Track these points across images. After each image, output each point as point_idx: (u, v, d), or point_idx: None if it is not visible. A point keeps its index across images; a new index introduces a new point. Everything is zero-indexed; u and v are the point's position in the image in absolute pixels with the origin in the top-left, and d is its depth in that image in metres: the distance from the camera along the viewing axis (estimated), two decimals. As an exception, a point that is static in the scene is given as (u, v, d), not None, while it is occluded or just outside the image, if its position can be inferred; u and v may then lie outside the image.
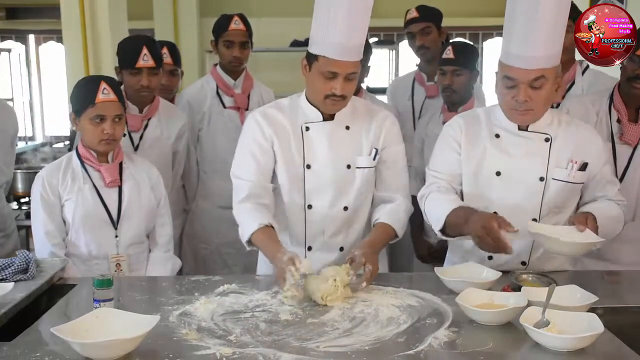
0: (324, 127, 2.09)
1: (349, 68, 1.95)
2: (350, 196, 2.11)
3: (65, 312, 1.79)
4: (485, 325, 1.62)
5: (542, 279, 1.88)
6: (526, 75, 1.90)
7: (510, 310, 1.61)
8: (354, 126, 2.12)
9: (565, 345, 1.47)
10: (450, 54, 2.76)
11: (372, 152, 2.12)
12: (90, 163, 2.25)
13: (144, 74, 2.65)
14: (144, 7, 6.29)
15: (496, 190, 2.05)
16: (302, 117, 2.10)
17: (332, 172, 2.09)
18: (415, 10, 3.19)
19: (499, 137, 2.07)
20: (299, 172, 2.09)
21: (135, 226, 2.29)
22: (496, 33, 7.38)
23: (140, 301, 1.85)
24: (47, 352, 1.47)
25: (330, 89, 1.97)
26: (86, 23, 3.71)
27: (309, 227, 2.12)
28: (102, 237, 2.24)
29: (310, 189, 2.09)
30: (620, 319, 1.73)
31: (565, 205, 2.08)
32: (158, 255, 2.36)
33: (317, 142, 2.09)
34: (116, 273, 2.22)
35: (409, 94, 3.31)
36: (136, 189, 2.30)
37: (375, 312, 1.72)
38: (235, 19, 2.98)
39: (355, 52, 1.96)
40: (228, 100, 3.08)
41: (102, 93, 2.16)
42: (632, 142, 2.37)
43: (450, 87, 2.77)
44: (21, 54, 7.48)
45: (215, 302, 1.79)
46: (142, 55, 2.62)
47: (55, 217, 2.22)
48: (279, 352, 1.47)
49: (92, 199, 2.22)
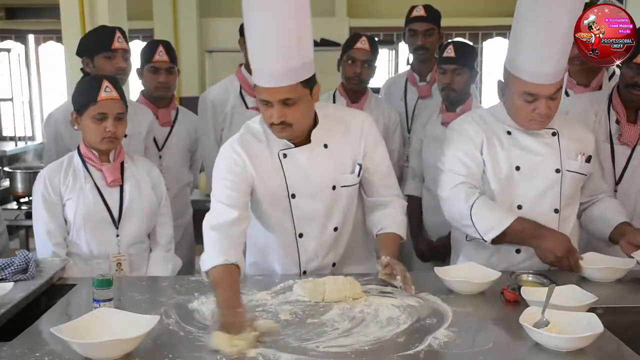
0: (301, 151, 1.97)
1: (279, 94, 1.81)
2: (338, 216, 2.05)
3: (65, 312, 1.79)
4: (485, 326, 1.63)
5: (542, 279, 1.88)
6: (548, 90, 1.95)
7: None
8: (333, 143, 2.00)
9: (565, 345, 1.47)
10: (451, 52, 2.75)
11: (355, 169, 2.04)
12: (91, 162, 2.25)
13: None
14: (143, 7, 6.30)
15: (518, 185, 2.09)
16: (278, 143, 1.97)
17: (318, 198, 2.00)
18: (423, 9, 3.18)
19: (511, 134, 2.11)
20: (284, 202, 2.00)
21: (136, 226, 2.29)
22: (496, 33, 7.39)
23: (140, 301, 1.85)
24: (46, 352, 1.47)
25: (270, 116, 1.86)
26: (86, 23, 3.71)
27: (302, 254, 2.06)
28: (103, 236, 2.23)
29: (299, 217, 2.02)
30: (620, 319, 1.73)
31: (575, 196, 2.16)
32: (159, 254, 2.36)
33: (297, 168, 1.98)
34: (117, 272, 2.22)
35: (401, 94, 3.31)
36: (137, 189, 2.29)
37: (374, 312, 1.72)
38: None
39: (281, 77, 1.80)
40: (251, 100, 3.03)
41: (104, 91, 2.16)
42: (630, 143, 2.38)
43: (450, 86, 2.77)
44: (21, 54, 7.47)
45: (215, 302, 1.78)
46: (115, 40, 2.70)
47: (57, 217, 2.21)
48: (278, 352, 1.47)
49: (94, 199, 2.22)
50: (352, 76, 2.99)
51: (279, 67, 1.80)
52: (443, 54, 2.79)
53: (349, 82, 3.03)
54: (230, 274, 1.80)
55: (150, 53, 3.04)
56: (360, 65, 2.97)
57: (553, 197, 2.09)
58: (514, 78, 1.99)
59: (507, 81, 2.04)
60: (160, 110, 3.10)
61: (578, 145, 2.11)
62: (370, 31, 7.61)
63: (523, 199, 2.09)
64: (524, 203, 2.08)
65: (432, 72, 3.19)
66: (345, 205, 2.06)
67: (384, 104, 3.19)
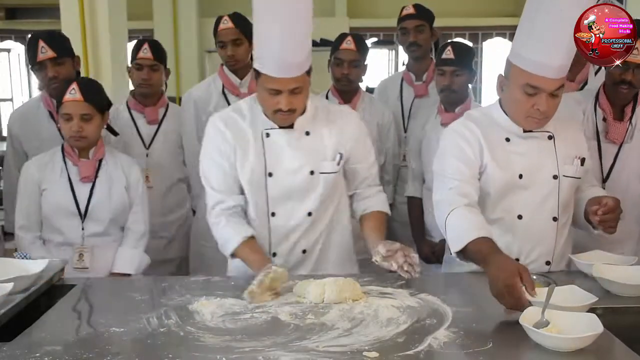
0: (284, 133, 2.05)
1: (290, 84, 1.91)
2: (313, 202, 2.08)
3: (65, 313, 1.78)
4: (484, 326, 1.63)
5: (542, 279, 1.87)
6: (552, 84, 1.91)
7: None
8: (315, 131, 2.07)
9: (565, 345, 1.47)
10: (450, 54, 2.75)
11: (336, 157, 2.08)
12: (70, 158, 2.43)
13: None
14: (143, 8, 6.31)
15: (518, 193, 2.04)
16: (262, 122, 2.06)
17: (294, 180, 2.05)
18: (412, 7, 3.21)
19: (510, 140, 2.05)
20: (260, 180, 2.05)
21: (101, 221, 2.43)
22: (495, 33, 7.40)
23: (140, 301, 1.85)
24: (46, 353, 1.47)
25: (277, 104, 1.94)
26: (85, 23, 3.72)
27: (273, 234, 2.09)
28: (69, 227, 2.41)
29: (273, 196, 2.06)
30: (620, 319, 1.73)
31: (571, 202, 2.12)
32: (126, 250, 2.48)
33: (278, 149, 2.05)
34: (78, 262, 2.37)
35: (397, 94, 3.32)
36: (107, 186, 2.44)
37: (374, 312, 1.71)
38: (224, 19, 2.97)
39: (295, 68, 1.90)
40: (234, 99, 3.02)
41: (69, 93, 2.34)
42: (617, 141, 2.40)
43: (449, 88, 2.76)
44: (20, 54, 7.49)
45: (215, 303, 1.79)
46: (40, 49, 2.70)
47: (32, 204, 2.42)
48: (278, 352, 1.47)
49: (65, 192, 2.40)
50: (340, 77, 2.99)
51: (296, 58, 1.89)
52: (442, 56, 2.79)
53: (338, 83, 3.03)
54: (252, 245, 2.02)
55: (136, 51, 3.08)
56: (347, 66, 2.96)
57: (552, 205, 2.04)
58: (518, 70, 1.94)
59: (509, 74, 1.99)
60: (147, 108, 3.12)
61: (573, 148, 2.08)
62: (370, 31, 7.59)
63: (523, 209, 2.03)
64: (524, 213, 2.03)
65: (428, 71, 3.20)
66: (321, 193, 2.09)
67: (377, 103, 3.19)
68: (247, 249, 2.01)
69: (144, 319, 1.67)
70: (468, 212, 1.94)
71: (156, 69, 3.08)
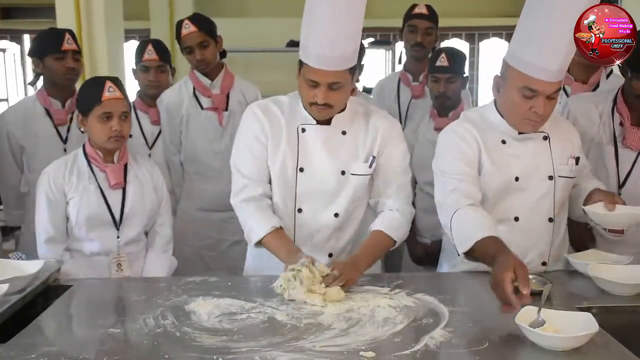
0: (320, 130, 2.05)
1: (330, 77, 1.91)
2: (342, 203, 2.07)
3: (62, 314, 1.79)
4: (481, 325, 1.63)
5: (539, 279, 1.88)
6: (549, 87, 1.90)
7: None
8: (351, 132, 2.07)
9: (561, 344, 1.47)
10: (444, 61, 2.74)
11: (368, 159, 2.07)
12: (96, 163, 2.28)
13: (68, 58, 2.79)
14: (140, 7, 6.28)
15: (514, 195, 2.03)
16: (300, 118, 2.06)
17: (325, 178, 2.05)
18: (425, 7, 3.20)
19: (506, 142, 2.05)
20: (291, 174, 2.05)
21: (136, 227, 2.33)
22: (492, 33, 7.40)
23: (137, 302, 1.85)
24: (42, 354, 1.47)
25: (313, 96, 1.94)
26: (82, 23, 3.70)
27: (297, 231, 2.08)
28: (104, 236, 2.27)
29: (302, 192, 2.05)
30: (615, 319, 1.74)
31: (566, 202, 2.12)
32: (156, 255, 2.39)
33: (312, 145, 2.05)
34: (117, 272, 2.26)
35: (394, 95, 3.31)
36: (139, 191, 2.33)
37: (371, 312, 1.72)
38: (186, 23, 2.92)
39: (337, 62, 1.90)
40: (206, 101, 3.01)
41: (108, 91, 2.21)
42: (634, 147, 2.32)
43: (444, 94, 2.78)
44: (16, 54, 7.46)
45: (211, 304, 1.78)
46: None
47: (58, 215, 2.25)
48: (275, 352, 1.47)
49: (97, 200, 2.26)
50: None
51: (339, 52, 1.88)
52: (436, 63, 2.77)
53: None
54: (282, 236, 2.00)
55: (141, 52, 3.08)
56: None
57: (548, 206, 2.04)
58: (516, 72, 1.93)
59: (506, 76, 1.97)
60: (152, 108, 3.12)
61: (567, 147, 2.07)
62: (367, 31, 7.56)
63: (519, 211, 2.03)
64: (521, 214, 2.03)
65: (425, 72, 3.20)
66: (351, 194, 2.07)
67: (374, 104, 3.18)
68: (277, 237, 1.99)
69: (140, 320, 1.67)
70: (473, 211, 1.92)
71: (163, 70, 3.10)
